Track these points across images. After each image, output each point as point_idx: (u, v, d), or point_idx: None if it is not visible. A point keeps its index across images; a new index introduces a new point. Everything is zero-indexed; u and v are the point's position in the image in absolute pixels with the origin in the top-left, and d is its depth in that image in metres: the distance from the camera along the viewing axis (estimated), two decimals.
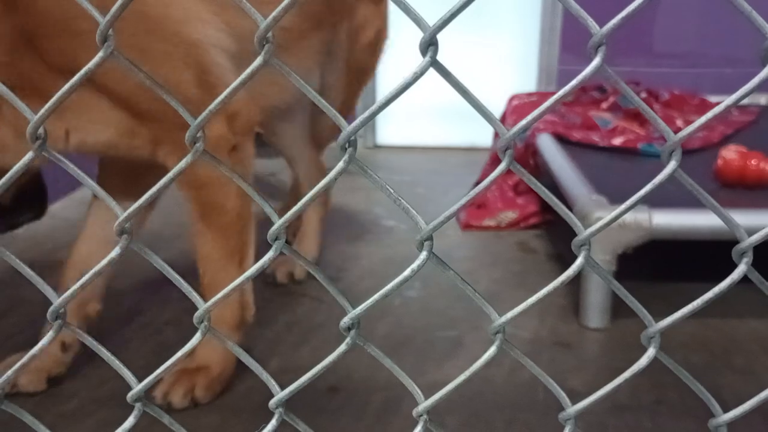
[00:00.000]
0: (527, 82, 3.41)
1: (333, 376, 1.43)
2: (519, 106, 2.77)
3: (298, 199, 1.99)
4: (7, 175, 0.61)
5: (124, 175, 1.47)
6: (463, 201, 0.54)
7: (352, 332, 0.59)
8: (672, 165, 0.51)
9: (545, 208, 2.36)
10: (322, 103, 0.55)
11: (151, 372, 0.66)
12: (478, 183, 2.58)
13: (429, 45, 0.51)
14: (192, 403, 1.34)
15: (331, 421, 1.31)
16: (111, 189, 1.33)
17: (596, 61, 0.50)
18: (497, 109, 2.86)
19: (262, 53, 0.52)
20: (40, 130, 0.57)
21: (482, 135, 3.14)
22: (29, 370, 1.39)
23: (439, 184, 2.88)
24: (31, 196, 1.60)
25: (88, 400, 1.37)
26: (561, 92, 0.50)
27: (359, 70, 1.86)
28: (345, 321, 0.59)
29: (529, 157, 2.42)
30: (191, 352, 0.64)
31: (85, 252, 1.49)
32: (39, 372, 1.39)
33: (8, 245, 2.18)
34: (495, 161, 2.62)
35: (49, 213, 2.38)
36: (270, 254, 0.57)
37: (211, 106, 0.55)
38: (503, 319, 0.58)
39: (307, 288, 1.89)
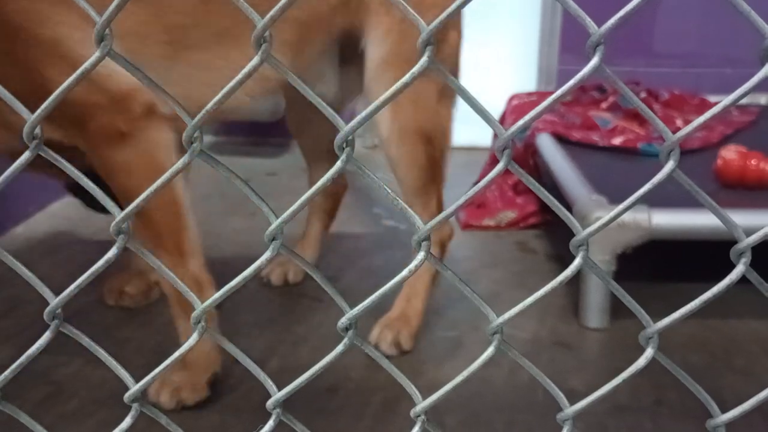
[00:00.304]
0: (527, 82, 3.40)
1: (331, 377, 1.43)
2: (519, 106, 2.77)
3: (319, 205, 1.95)
4: (6, 173, 0.60)
5: None
6: (460, 201, 0.54)
7: (350, 333, 0.59)
8: (670, 165, 0.51)
9: (545, 208, 2.35)
10: (319, 102, 0.55)
11: (150, 371, 0.66)
12: (477, 183, 2.58)
13: (427, 45, 0.51)
14: (179, 404, 1.33)
15: (330, 421, 1.31)
16: None
17: (594, 61, 0.50)
18: (497, 108, 2.85)
19: (260, 52, 0.52)
20: (37, 130, 0.57)
21: (482, 135, 3.13)
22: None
23: None
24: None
25: (88, 401, 1.37)
26: (559, 92, 0.50)
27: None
28: (343, 321, 0.59)
29: (528, 156, 2.42)
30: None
31: None
32: None
33: (9, 244, 2.19)
34: (494, 161, 2.62)
35: (49, 212, 2.39)
36: (267, 254, 0.57)
37: (209, 106, 0.54)
38: (501, 319, 0.58)
39: (306, 288, 1.89)
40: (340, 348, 0.59)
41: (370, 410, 1.35)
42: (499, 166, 0.53)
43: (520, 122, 0.51)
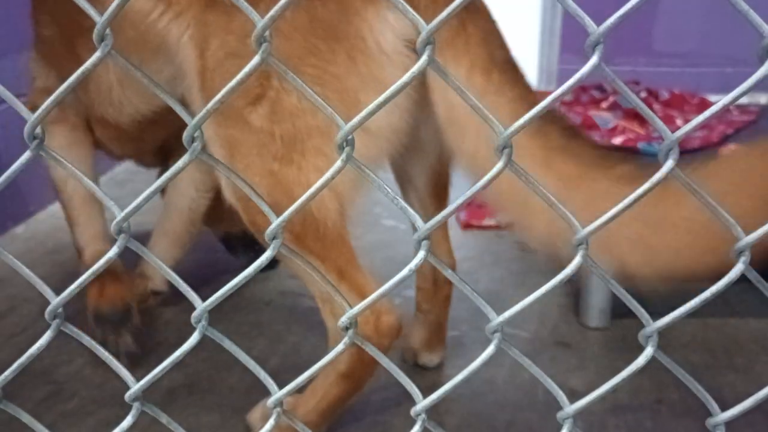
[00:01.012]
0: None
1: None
2: None
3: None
4: (7, 173, 0.61)
5: None
6: (460, 201, 0.54)
7: (350, 332, 0.59)
8: (669, 164, 0.51)
9: None
10: (321, 102, 0.55)
11: (151, 371, 0.66)
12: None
13: (426, 44, 0.51)
14: None
15: None
16: None
17: (593, 60, 0.50)
18: None
19: (260, 52, 0.52)
20: (38, 130, 0.57)
21: None
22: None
23: None
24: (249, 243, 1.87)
25: (88, 400, 1.37)
26: (558, 91, 0.50)
27: None
28: (343, 320, 0.59)
29: None
30: None
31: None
32: None
33: (9, 244, 2.18)
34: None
35: (50, 213, 2.39)
36: (267, 253, 0.57)
37: (209, 106, 0.55)
38: (501, 318, 0.58)
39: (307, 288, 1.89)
40: (340, 347, 0.59)
41: (370, 409, 1.35)
42: (499, 166, 0.53)
43: (520, 121, 0.51)
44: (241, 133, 1.10)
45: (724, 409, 0.62)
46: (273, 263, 1.84)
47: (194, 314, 0.62)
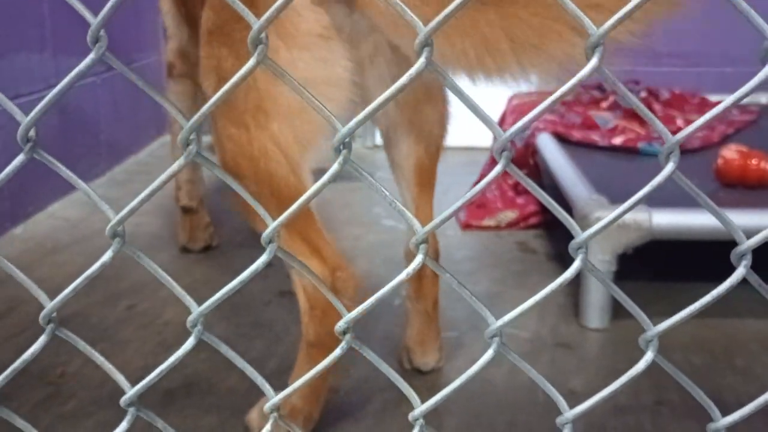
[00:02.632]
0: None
1: (331, 378, 1.42)
2: (519, 106, 2.76)
3: None
4: (3, 174, 0.60)
5: None
6: (458, 204, 0.54)
7: (347, 336, 0.58)
8: (670, 167, 0.51)
9: (545, 208, 2.34)
10: (317, 105, 0.55)
11: (149, 373, 0.65)
12: (478, 183, 2.56)
13: (424, 46, 0.50)
14: None
15: (329, 423, 1.31)
16: None
17: (593, 62, 0.49)
18: (497, 108, 2.84)
19: (255, 54, 0.52)
20: (31, 132, 0.56)
21: (482, 134, 3.12)
22: None
23: (440, 183, 2.85)
24: None
25: (87, 402, 1.37)
26: (557, 93, 0.49)
27: None
28: (340, 325, 0.58)
29: (528, 156, 2.41)
30: None
31: None
32: None
33: (7, 245, 2.17)
34: (494, 161, 2.61)
35: (49, 213, 2.39)
36: (264, 257, 0.56)
37: (204, 109, 0.54)
38: (500, 322, 0.58)
39: None
40: (337, 352, 0.58)
41: (370, 411, 1.34)
42: (497, 168, 0.52)
43: (519, 124, 0.50)
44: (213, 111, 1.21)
45: (724, 410, 0.62)
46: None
47: (189, 318, 0.61)
